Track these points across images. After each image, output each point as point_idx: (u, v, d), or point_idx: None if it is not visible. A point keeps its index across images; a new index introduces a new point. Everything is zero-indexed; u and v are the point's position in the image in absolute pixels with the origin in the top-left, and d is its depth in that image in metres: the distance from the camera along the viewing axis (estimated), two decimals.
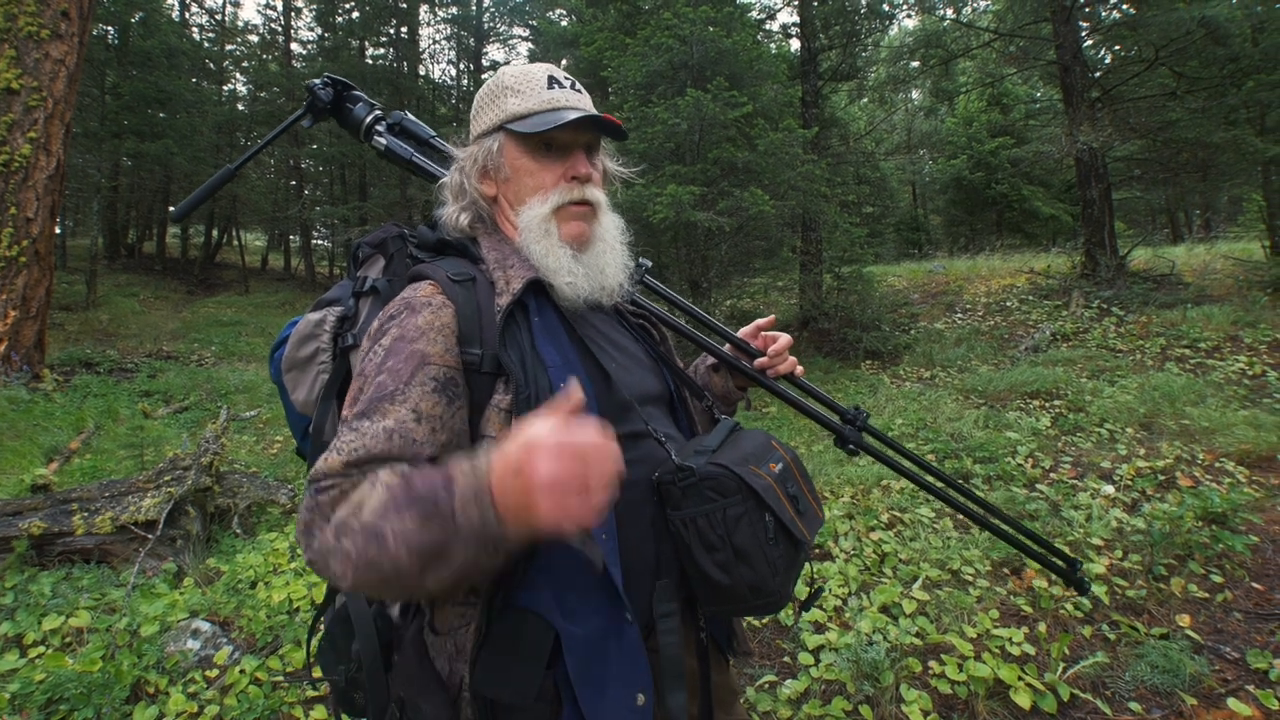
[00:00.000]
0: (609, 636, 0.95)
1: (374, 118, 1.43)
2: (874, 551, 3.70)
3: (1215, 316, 8.36)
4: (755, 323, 1.40)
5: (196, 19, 25.38)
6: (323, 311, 1.19)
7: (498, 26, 26.31)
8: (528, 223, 1.10)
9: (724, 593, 0.99)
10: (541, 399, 0.96)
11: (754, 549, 0.98)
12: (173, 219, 1.42)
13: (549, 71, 1.13)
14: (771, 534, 0.99)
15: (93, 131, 16.14)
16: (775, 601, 1.01)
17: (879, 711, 2.47)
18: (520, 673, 0.92)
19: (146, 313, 14.49)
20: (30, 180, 7.59)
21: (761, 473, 1.03)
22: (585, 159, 1.11)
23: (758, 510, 0.99)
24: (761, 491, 0.99)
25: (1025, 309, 10.78)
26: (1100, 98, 11.08)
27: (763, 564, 0.98)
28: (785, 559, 1.01)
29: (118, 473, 4.92)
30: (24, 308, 7.58)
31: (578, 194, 1.10)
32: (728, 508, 0.98)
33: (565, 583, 0.96)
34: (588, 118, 1.07)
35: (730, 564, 0.97)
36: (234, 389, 8.73)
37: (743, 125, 9.21)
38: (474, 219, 1.16)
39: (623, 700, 0.93)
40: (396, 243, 1.19)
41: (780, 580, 1.00)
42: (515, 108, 1.10)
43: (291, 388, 1.20)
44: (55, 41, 7.79)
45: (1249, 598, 3.22)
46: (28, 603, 3.02)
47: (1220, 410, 5.66)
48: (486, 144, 1.13)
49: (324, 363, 1.16)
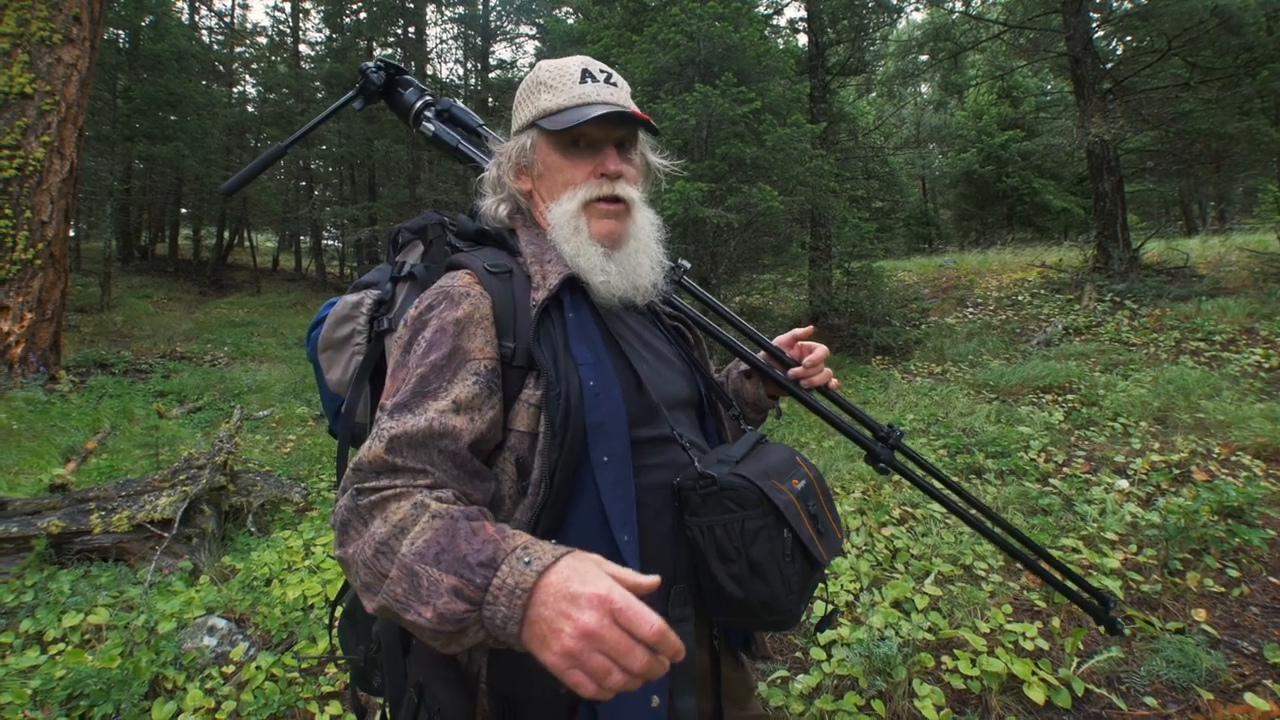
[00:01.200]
0: None
1: (423, 103, 1.44)
2: (886, 547, 3.69)
3: (1230, 309, 8.27)
4: (792, 332, 1.37)
5: (206, 22, 25.57)
6: (360, 294, 1.20)
7: (505, 25, 26.32)
8: (558, 220, 1.09)
9: (736, 605, 0.99)
10: (571, 397, 0.96)
11: (770, 564, 0.97)
12: (224, 192, 1.44)
13: (584, 65, 1.12)
14: (789, 551, 0.98)
15: (105, 135, 16.29)
16: (787, 620, 1.00)
17: (891, 706, 2.46)
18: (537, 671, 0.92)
19: (160, 314, 14.61)
20: (44, 184, 7.68)
21: (784, 488, 1.02)
22: (616, 155, 1.10)
23: (777, 526, 0.98)
24: (782, 507, 0.98)
25: (1037, 303, 10.69)
26: (1112, 89, 10.97)
27: (778, 580, 0.97)
28: (800, 577, 1.00)
29: (134, 472, 4.97)
30: (39, 310, 7.67)
31: (607, 190, 1.08)
32: (746, 520, 0.97)
33: None
34: (613, 113, 1.05)
35: (744, 577, 0.97)
36: (247, 389, 8.79)
37: (751, 121, 9.18)
38: (513, 210, 1.16)
39: (637, 702, 0.93)
40: (436, 230, 1.20)
41: (794, 599, 0.99)
42: (547, 103, 1.09)
43: (326, 367, 1.21)
44: (67, 46, 7.86)
45: (1266, 592, 3.19)
46: (48, 600, 3.06)
47: (1236, 404, 5.60)
48: (521, 140, 1.13)
49: (359, 344, 1.17)
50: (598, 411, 0.97)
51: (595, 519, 0.96)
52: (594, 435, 0.97)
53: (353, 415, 1.14)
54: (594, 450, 0.96)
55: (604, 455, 0.97)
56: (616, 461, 0.97)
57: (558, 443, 0.95)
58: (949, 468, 4.96)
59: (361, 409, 1.15)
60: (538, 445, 0.97)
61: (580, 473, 0.97)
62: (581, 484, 0.97)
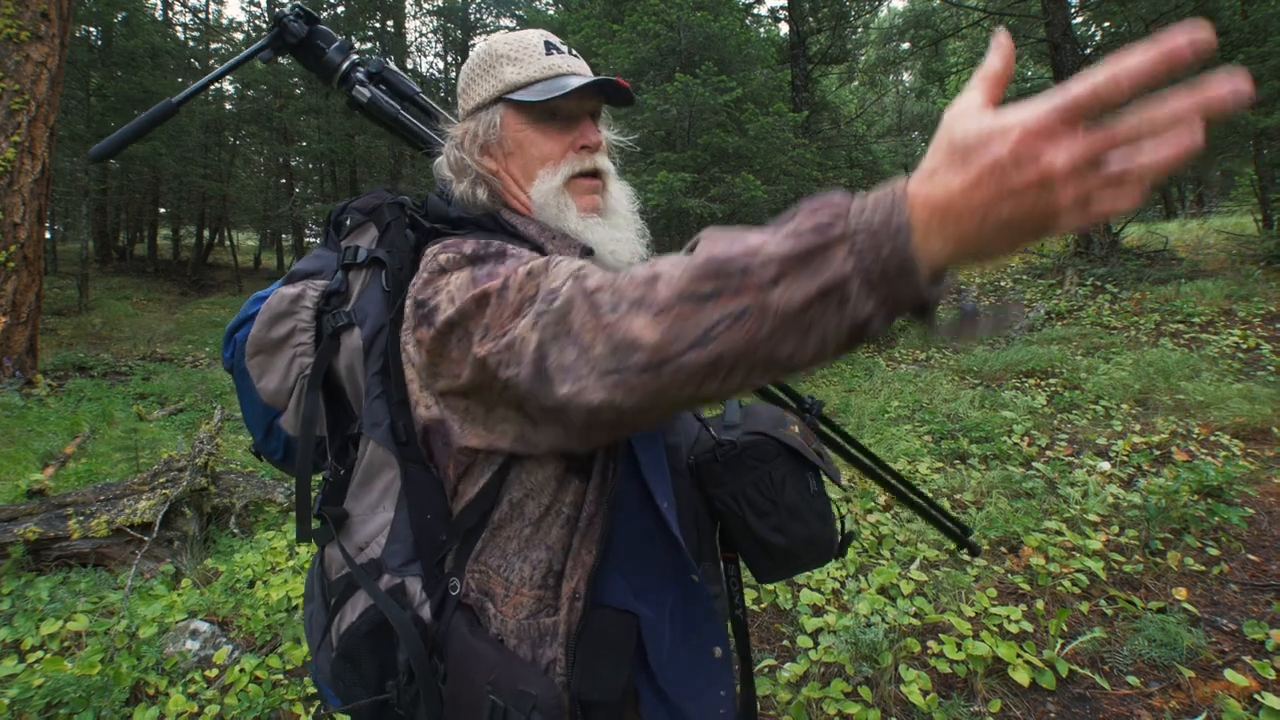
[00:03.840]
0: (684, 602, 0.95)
1: (351, 63, 1.24)
2: (871, 534, 3.71)
3: (1209, 291, 8.37)
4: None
5: (180, 18, 25.15)
6: (299, 285, 1.04)
7: (484, 18, 26.13)
8: (542, 197, 1.00)
9: (782, 555, 1.04)
10: None
11: (802, 504, 1.04)
12: (92, 156, 1.23)
13: (544, 37, 1.05)
14: (812, 487, 1.05)
15: (79, 134, 16.01)
16: (828, 550, 1.07)
17: (878, 692, 2.48)
18: (612, 670, 0.88)
19: (139, 315, 14.43)
20: (16, 185, 7.53)
21: (792, 433, 1.07)
22: (594, 126, 1.04)
23: (798, 469, 1.05)
24: (800, 449, 1.04)
25: (1020, 288, 10.77)
26: None
27: (813, 517, 1.04)
28: (827, 505, 1.08)
29: (113, 476, 4.90)
30: (14, 313, 7.54)
31: (589, 164, 1.02)
32: (772, 471, 1.02)
33: (636, 566, 0.94)
34: (596, 83, 1.00)
35: (785, 525, 1.03)
36: (229, 389, 8.69)
37: (733, 110, 9.17)
38: (491, 193, 1.04)
39: (701, 654, 0.95)
40: (394, 210, 1.04)
41: (829, 529, 1.07)
42: (514, 76, 1.01)
43: (258, 374, 1.05)
44: (35, 43, 7.70)
45: (1245, 569, 3.24)
46: (25, 608, 3.01)
47: (1215, 384, 5.67)
48: (485, 117, 1.03)
49: (302, 345, 1.02)
50: None
51: (633, 500, 0.94)
52: None
53: (313, 426, 0.99)
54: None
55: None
56: (651, 437, 0.98)
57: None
58: (934, 454, 4.99)
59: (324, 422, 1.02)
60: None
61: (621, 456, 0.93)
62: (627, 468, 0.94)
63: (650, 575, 0.94)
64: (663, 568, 0.95)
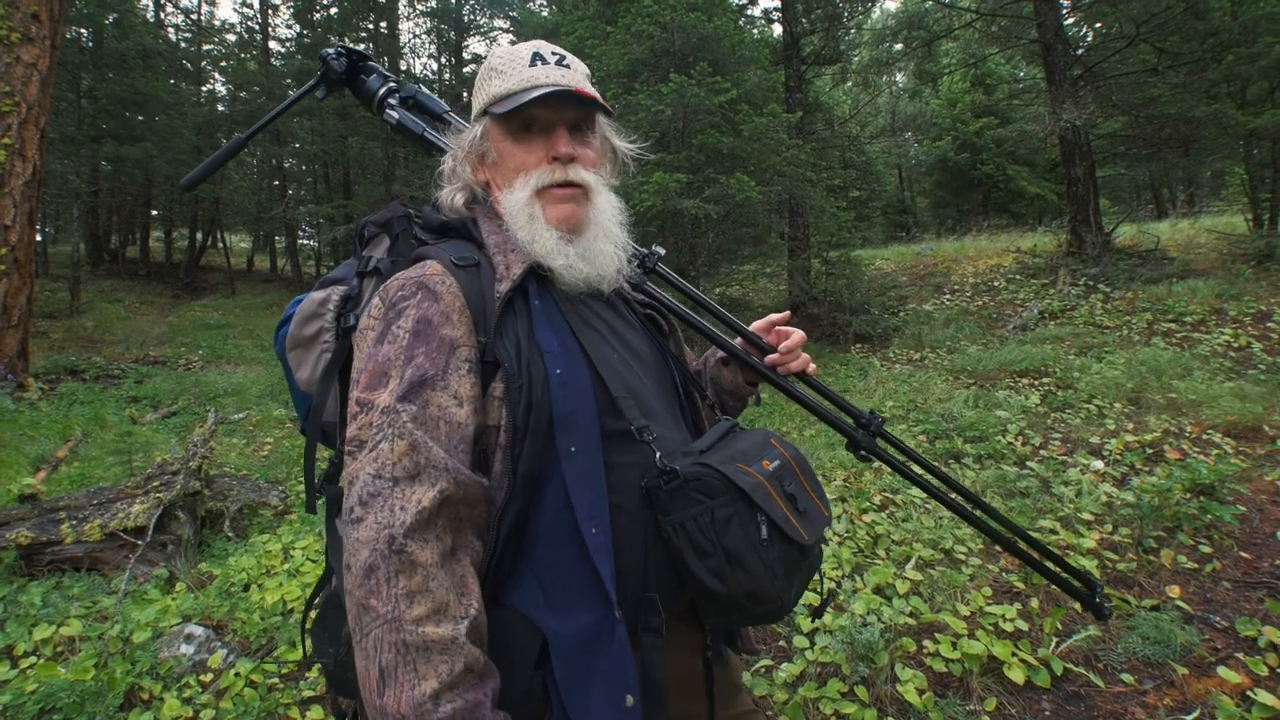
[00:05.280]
0: (600, 634, 0.92)
1: (387, 90, 1.41)
2: (867, 534, 3.71)
3: (1200, 290, 8.42)
4: (769, 317, 1.31)
5: (172, 19, 25.01)
6: (326, 290, 1.16)
7: (478, 19, 26.07)
8: (512, 207, 1.07)
9: (721, 601, 0.95)
10: (535, 388, 0.94)
11: (746, 551, 0.93)
12: (183, 186, 1.43)
13: (535, 48, 1.10)
14: (765, 535, 0.95)
15: (70, 136, 15.89)
16: (777, 609, 0.97)
17: (874, 692, 2.48)
18: (507, 673, 0.90)
19: (132, 318, 14.35)
20: (6, 187, 7.48)
21: (751, 470, 0.98)
22: (568, 137, 1.07)
23: (748, 511, 0.95)
24: (750, 490, 0.95)
25: (1013, 288, 10.82)
26: (1082, 75, 11.09)
27: (758, 568, 0.93)
28: (784, 562, 0.96)
29: (106, 480, 4.87)
30: (5, 317, 7.49)
31: (560, 175, 1.06)
32: (715, 509, 0.94)
33: (555, 578, 0.94)
34: (556, 92, 1.02)
35: (723, 569, 0.93)
36: (222, 392, 8.66)
37: (727, 111, 9.16)
38: (469, 199, 1.14)
39: (610, 699, 0.90)
40: (402, 223, 1.16)
41: (780, 585, 0.95)
42: (496, 89, 1.08)
43: (295, 366, 1.17)
44: (26, 45, 7.65)
45: (1237, 567, 3.26)
46: (18, 613, 2.99)
47: (1206, 383, 5.70)
48: (475, 129, 1.12)
49: (327, 342, 1.13)
50: (566, 401, 0.95)
51: (563, 514, 0.94)
52: (561, 426, 0.95)
53: (320, 414, 1.11)
54: (560, 441, 0.94)
55: (571, 445, 0.95)
56: (584, 453, 0.95)
57: (520, 436, 0.93)
58: (928, 453, 5.01)
59: (331, 407, 1.13)
60: (499, 439, 0.95)
61: (546, 466, 0.95)
62: (547, 478, 0.95)
63: (570, 590, 0.93)
64: (584, 589, 0.93)
